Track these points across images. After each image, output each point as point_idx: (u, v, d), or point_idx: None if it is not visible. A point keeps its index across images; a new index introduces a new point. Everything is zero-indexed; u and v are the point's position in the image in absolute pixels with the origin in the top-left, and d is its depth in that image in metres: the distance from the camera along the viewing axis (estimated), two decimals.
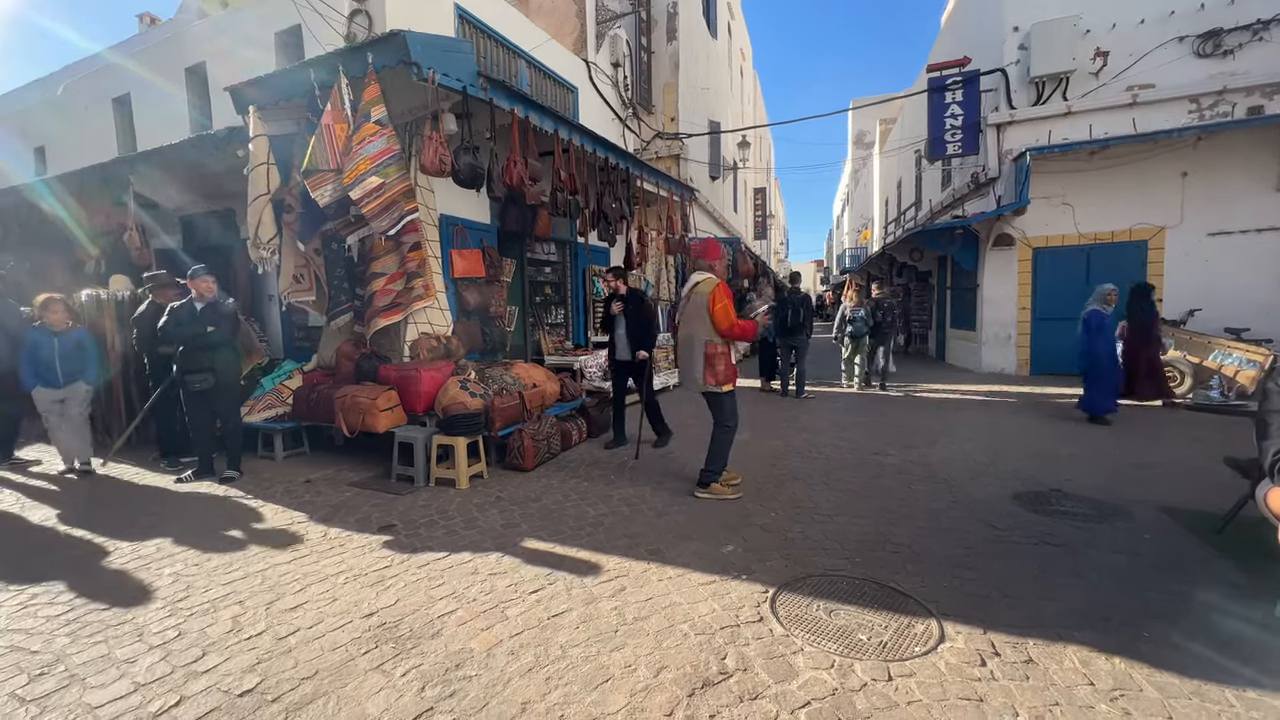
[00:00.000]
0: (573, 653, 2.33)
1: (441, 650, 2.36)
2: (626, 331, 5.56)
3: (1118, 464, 4.83)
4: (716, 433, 4.21)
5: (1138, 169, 9.30)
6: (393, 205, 4.46)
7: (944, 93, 10.68)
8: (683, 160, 12.65)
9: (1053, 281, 10.16)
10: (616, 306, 5.60)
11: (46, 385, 4.95)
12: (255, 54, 6.81)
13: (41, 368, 4.91)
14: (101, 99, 8.89)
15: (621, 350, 5.65)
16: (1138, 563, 3.02)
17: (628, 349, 5.60)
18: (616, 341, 5.66)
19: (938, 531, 3.48)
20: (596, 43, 10.02)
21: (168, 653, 2.38)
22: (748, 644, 2.37)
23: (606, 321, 5.78)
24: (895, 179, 22.08)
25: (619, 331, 5.61)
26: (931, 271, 15.01)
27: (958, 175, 12.69)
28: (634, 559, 3.19)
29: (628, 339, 5.58)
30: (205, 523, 3.89)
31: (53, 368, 4.91)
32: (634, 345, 5.54)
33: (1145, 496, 3.98)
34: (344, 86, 4.49)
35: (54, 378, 4.93)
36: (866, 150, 33.17)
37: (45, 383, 4.94)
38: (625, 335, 5.58)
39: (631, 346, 5.56)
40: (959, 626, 2.46)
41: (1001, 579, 2.88)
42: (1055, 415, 6.91)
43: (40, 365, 4.91)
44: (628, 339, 5.58)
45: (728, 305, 3.97)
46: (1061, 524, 3.57)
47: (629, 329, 5.55)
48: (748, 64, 24.81)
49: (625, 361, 5.66)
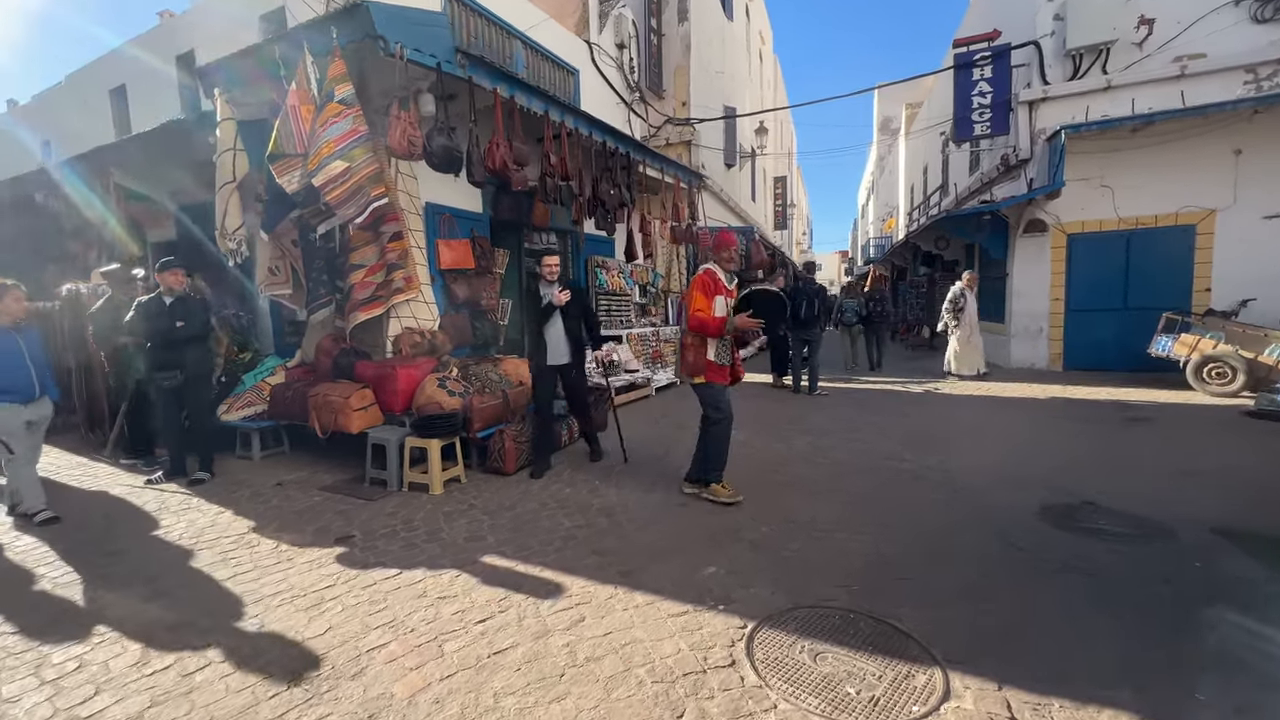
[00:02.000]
0: (506, 702, 2.00)
1: (358, 695, 2.05)
2: (566, 329, 4.59)
3: (1163, 473, 4.32)
4: (701, 426, 3.98)
5: (1185, 147, 8.55)
6: (358, 191, 4.16)
7: (971, 69, 10.00)
8: (694, 146, 12.18)
9: (1089, 270, 9.46)
10: (561, 296, 4.49)
11: (16, 400, 3.78)
12: (242, 38, 6.59)
13: (9, 377, 3.76)
14: (99, 90, 8.83)
15: (558, 352, 4.59)
16: (1187, 598, 2.56)
17: (566, 350, 4.61)
18: (551, 341, 4.57)
19: (950, 552, 3.07)
20: (600, 23, 9.61)
21: (58, 690, 2.12)
22: (712, 696, 2.01)
23: (538, 315, 4.59)
24: (921, 164, 21.21)
25: (555, 329, 4.57)
26: (958, 261, 14.28)
27: (987, 158, 11.98)
28: (601, 582, 2.85)
29: (567, 338, 4.60)
30: (153, 534, 3.66)
31: (25, 375, 3.82)
32: (575, 346, 4.63)
33: (1195, 514, 3.48)
34: (309, 64, 4.20)
35: (28, 389, 3.81)
36: (892, 136, 32.07)
37: (16, 396, 3.77)
38: (564, 333, 4.59)
39: (572, 348, 4.62)
40: (968, 680, 2.06)
41: (1022, 615, 2.46)
42: (1090, 416, 6.35)
43: (8, 373, 3.76)
44: (567, 338, 4.60)
45: (699, 297, 3.79)
46: (1095, 545, 3.12)
47: (569, 325, 4.59)
48: (768, 48, 24.06)
49: (560, 366, 4.65)
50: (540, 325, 4.57)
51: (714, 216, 13.08)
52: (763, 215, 22.01)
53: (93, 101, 8.96)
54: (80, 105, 9.24)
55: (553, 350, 4.57)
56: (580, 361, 4.77)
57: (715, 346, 3.88)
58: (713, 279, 3.90)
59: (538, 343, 4.60)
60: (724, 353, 3.90)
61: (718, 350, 3.88)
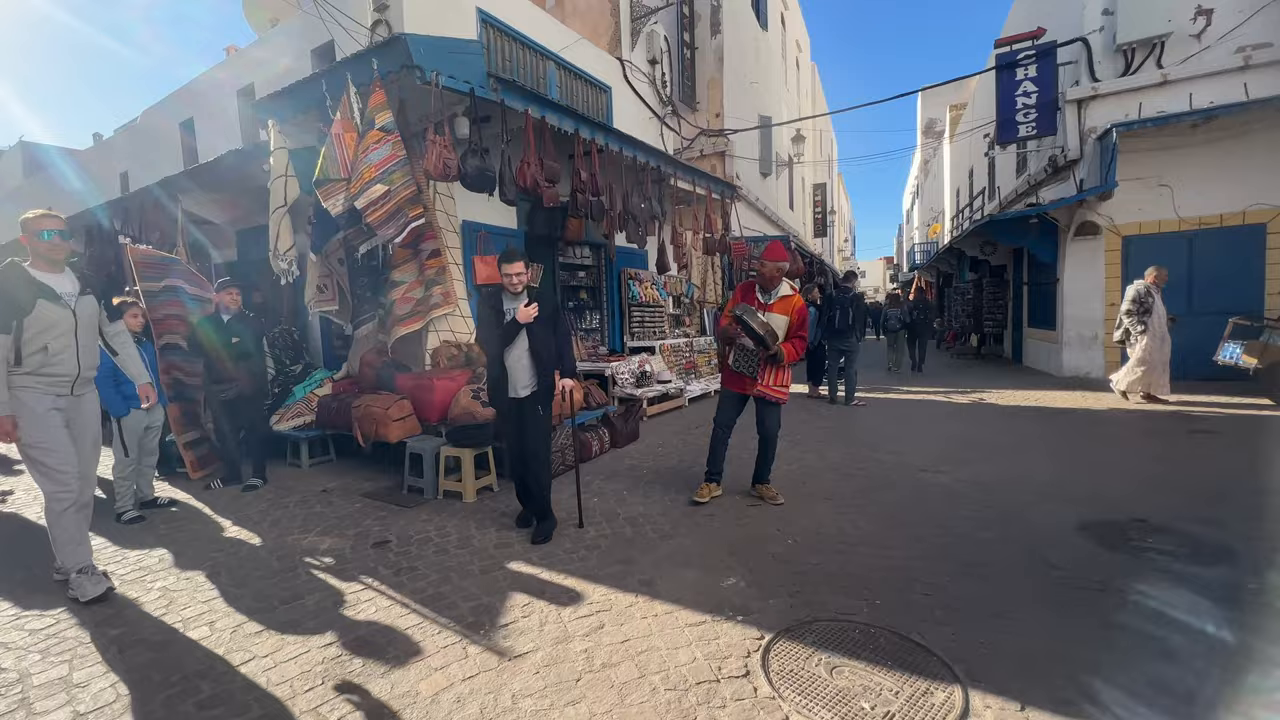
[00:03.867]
0: (524, 704, 2.07)
1: (387, 692, 2.16)
2: (532, 351, 3.54)
3: (1223, 487, 4.06)
4: None
5: (1251, 141, 8.07)
6: (398, 213, 4.38)
7: (1014, 69, 9.71)
8: (728, 157, 12.22)
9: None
10: (526, 313, 3.45)
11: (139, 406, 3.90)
12: (296, 70, 7.04)
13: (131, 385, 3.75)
14: (170, 124, 9.56)
15: (521, 381, 3.57)
16: (1240, 622, 2.41)
17: (532, 377, 3.57)
18: (512, 368, 3.56)
19: (979, 569, 2.98)
20: (632, 40, 9.80)
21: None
22: (724, 706, 2.02)
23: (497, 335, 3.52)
24: (966, 168, 20.58)
25: (516, 351, 3.54)
26: (1006, 266, 13.78)
27: (1034, 160, 11.56)
28: (622, 590, 2.90)
29: (532, 364, 3.56)
30: (209, 534, 3.92)
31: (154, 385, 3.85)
32: (541, 373, 3.59)
33: (1257, 533, 3.27)
34: (353, 95, 4.47)
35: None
36: (936, 139, 31.25)
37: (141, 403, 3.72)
38: (529, 357, 3.55)
39: (537, 375, 3.58)
40: (989, 699, 2.01)
41: (1052, 636, 2.37)
42: (1146, 427, 6.02)
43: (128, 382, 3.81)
44: (532, 364, 3.56)
45: (728, 306, 4.07)
46: (1141, 565, 2.97)
47: (535, 346, 3.53)
48: (804, 55, 23.91)
49: (520, 400, 3.60)
50: (500, 349, 3.53)
51: (750, 226, 13.06)
52: (801, 223, 21.78)
53: (165, 134, 9.72)
54: (154, 138, 10.02)
55: (517, 379, 3.58)
56: (546, 395, 3.63)
57: (734, 354, 4.01)
58: (743, 290, 4.07)
59: (498, 372, 3.57)
60: (741, 362, 3.97)
61: (734, 358, 3.99)
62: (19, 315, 2.76)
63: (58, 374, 2.91)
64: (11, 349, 2.77)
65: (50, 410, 2.90)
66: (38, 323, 2.81)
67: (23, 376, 2.82)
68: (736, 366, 4.00)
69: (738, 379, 4.04)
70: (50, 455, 2.88)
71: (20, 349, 2.78)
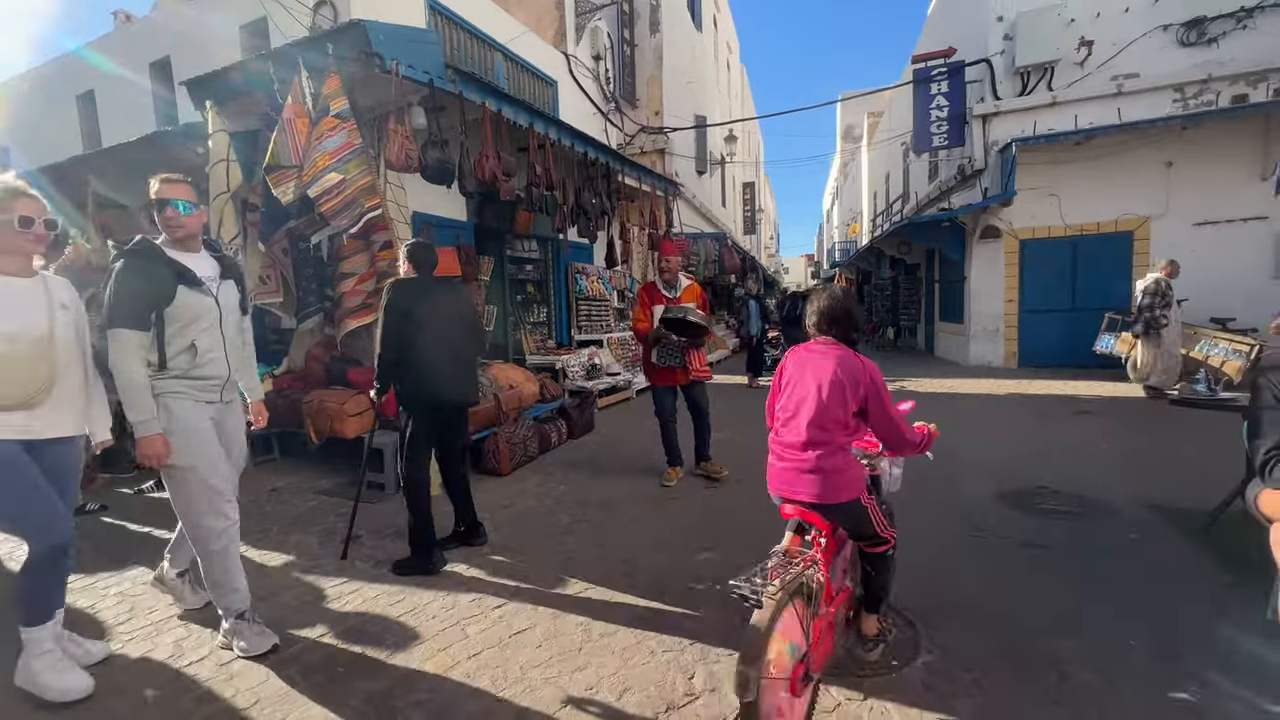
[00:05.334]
0: (532, 674, 2.20)
1: (392, 674, 2.22)
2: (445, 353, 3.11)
3: (1107, 459, 4.75)
4: None
5: (1123, 159, 9.25)
6: (352, 203, 4.27)
7: (929, 84, 10.59)
8: (668, 155, 12.51)
9: (1040, 273, 10.11)
10: None
11: None
12: (220, 47, 6.59)
13: None
14: (65, 96, 8.62)
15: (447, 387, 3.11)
16: (1123, 564, 2.92)
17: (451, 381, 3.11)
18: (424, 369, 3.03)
19: (917, 534, 3.37)
20: (576, 35, 9.83)
21: None
22: (718, 661, 2.25)
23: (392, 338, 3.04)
24: (883, 172, 22.02)
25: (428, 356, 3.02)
26: (920, 265, 14.96)
27: (944, 167, 12.61)
28: (606, 569, 3.06)
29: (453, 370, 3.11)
30: (156, 539, 3.72)
31: None
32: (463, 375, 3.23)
33: (1133, 493, 3.89)
34: (305, 79, 4.30)
35: None
36: (855, 144, 33.11)
37: None
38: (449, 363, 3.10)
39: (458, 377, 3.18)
40: (938, 635, 2.35)
41: (986, 584, 2.78)
42: (1041, 409, 6.84)
43: None
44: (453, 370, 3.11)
45: (638, 309, 4.45)
46: (1046, 523, 3.48)
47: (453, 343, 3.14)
48: (734, 57, 24.65)
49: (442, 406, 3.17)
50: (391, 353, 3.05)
51: (688, 223, 13.41)
52: (733, 220, 22.51)
53: (58, 106, 8.74)
54: (43, 109, 8.99)
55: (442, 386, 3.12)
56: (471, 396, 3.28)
57: (656, 351, 4.31)
58: (649, 292, 4.42)
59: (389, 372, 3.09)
60: (666, 356, 4.29)
61: (658, 354, 4.31)
62: (159, 306, 2.20)
63: (207, 376, 2.35)
64: (153, 348, 2.22)
65: (207, 421, 2.37)
66: (181, 315, 2.25)
67: (169, 381, 2.26)
68: (663, 361, 4.35)
69: (668, 373, 4.40)
70: (213, 476, 2.32)
71: (164, 349, 2.23)
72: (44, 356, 2.06)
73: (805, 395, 2.00)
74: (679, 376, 4.38)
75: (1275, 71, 8.43)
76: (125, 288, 2.17)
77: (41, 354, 2.05)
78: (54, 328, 2.10)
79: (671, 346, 4.29)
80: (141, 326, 2.17)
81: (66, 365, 2.14)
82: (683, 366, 4.33)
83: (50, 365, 2.07)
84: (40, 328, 2.06)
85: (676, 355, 4.31)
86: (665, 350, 4.32)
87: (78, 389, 2.21)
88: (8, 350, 1.98)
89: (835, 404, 1.93)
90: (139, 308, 2.17)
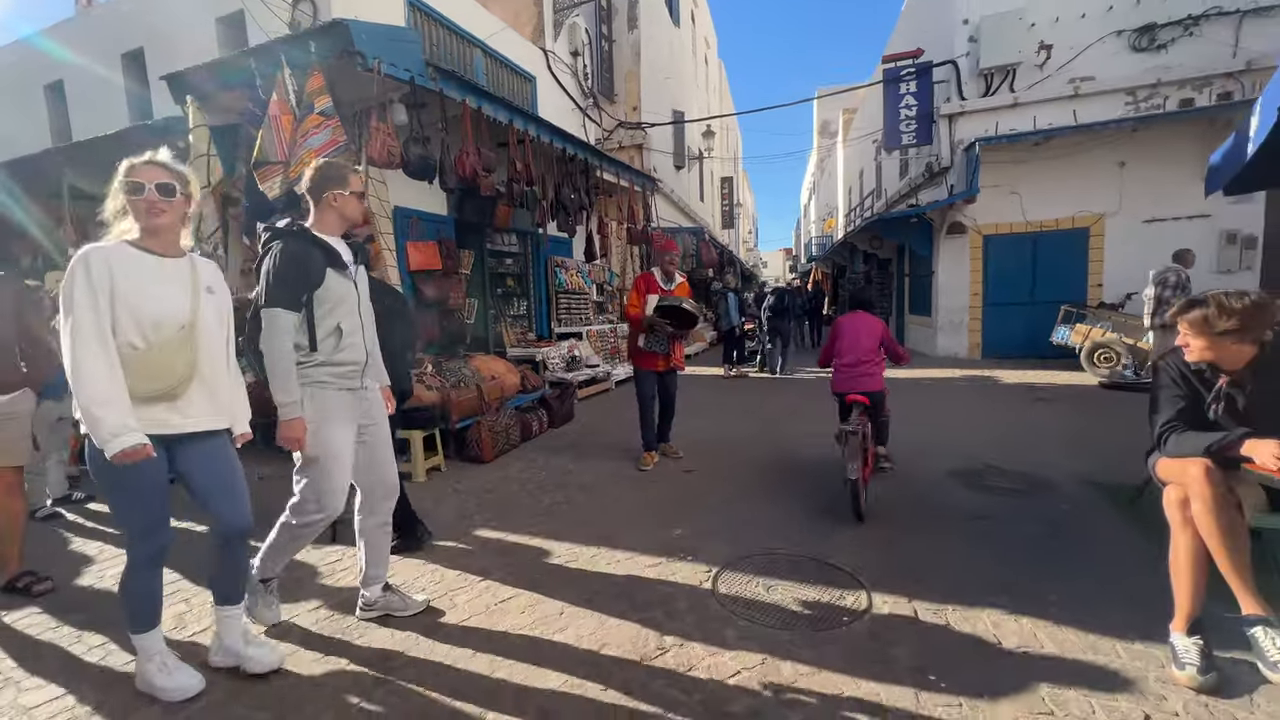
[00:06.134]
0: (517, 635, 2.40)
1: (387, 638, 2.41)
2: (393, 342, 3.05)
3: (1053, 440, 5.10)
4: None
5: (1079, 159, 9.69)
6: None
7: (899, 84, 10.92)
8: (646, 150, 12.68)
9: (1002, 268, 10.55)
10: None
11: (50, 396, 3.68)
12: (196, 39, 6.58)
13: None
14: (32, 86, 8.46)
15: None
16: (1055, 532, 3.22)
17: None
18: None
19: (877, 509, 3.65)
20: (555, 31, 9.93)
21: None
22: (685, 618, 2.47)
23: None
24: (858, 168, 22.47)
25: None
26: (891, 260, 15.39)
27: (914, 165, 13.01)
28: (584, 544, 3.27)
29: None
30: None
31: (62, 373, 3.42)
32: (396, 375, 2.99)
33: (1072, 470, 4.22)
34: (288, 77, 4.39)
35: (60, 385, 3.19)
36: (831, 139, 33.62)
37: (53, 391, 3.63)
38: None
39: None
40: (886, 597, 2.60)
41: (931, 552, 3.05)
42: (999, 396, 7.22)
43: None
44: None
45: (633, 295, 4.66)
46: (991, 498, 3.78)
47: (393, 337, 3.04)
48: (712, 53, 24.84)
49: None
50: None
51: (666, 217, 13.62)
52: (711, 215, 22.77)
53: (23, 96, 8.57)
54: (7, 99, 8.80)
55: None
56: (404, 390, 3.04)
57: (645, 337, 4.58)
58: (647, 281, 4.66)
59: None
60: (654, 343, 4.58)
61: (646, 340, 4.58)
62: (312, 288, 2.18)
63: (350, 361, 2.31)
64: (303, 331, 2.19)
65: (348, 408, 2.34)
66: (329, 297, 2.22)
67: (315, 370, 2.23)
68: (649, 347, 4.64)
69: (651, 358, 4.68)
70: (337, 464, 2.30)
71: (314, 330, 2.19)
72: (185, 344, 1.91)
73: (856, 338, 4.05)
74: (660, 363, 4.67)
75: (1219, 77, 8.93)
76: (285, 268, 2.14)
77: (184, 341, 1.91)
78: (197, 313, 1.95)
79: (661, 335, 4.58)
80: (296, 308, 2.15)
81: (209, 354, 2.00)
82: (665, 354, 4.66)
83: (191, 354, 1.93)
84: (183, 314, 1.92)
85: (663, 343, 4.62)
86: (654, 338, 4.59)
87: (220, 379, 2.07)
88: (154, 338, 1.86)
89: (868, 341, 4.04)
90: (296, 289, 2.15)
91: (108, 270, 1.79)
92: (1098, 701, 1.90)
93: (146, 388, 1.85)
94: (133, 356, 1.82)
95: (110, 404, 1.75)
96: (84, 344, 1.75)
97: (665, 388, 4.82)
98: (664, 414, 4.93)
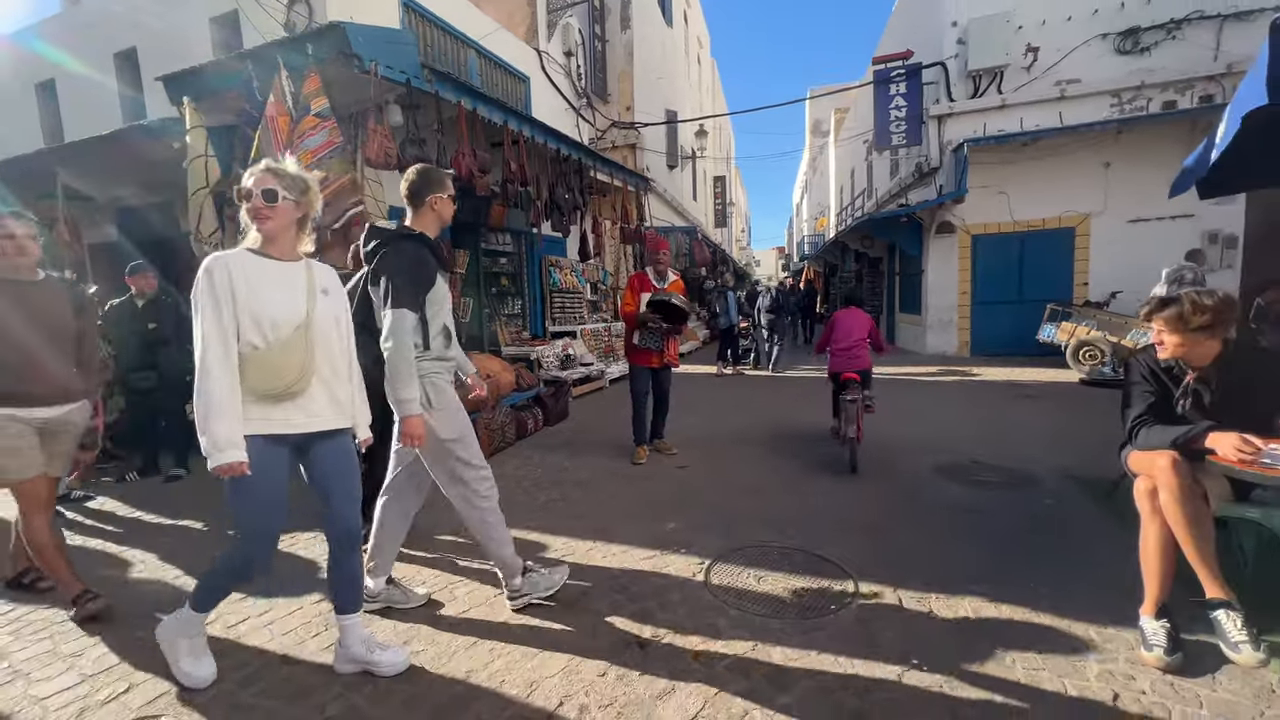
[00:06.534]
0: (516, 624, 2.48)
1: (391, 628, 2.48)
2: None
3: (1037, 436, 5.23)
4: None
5: (1065, 160, 9.86)
6: (337, 199, 4.44)
7: (889, 85, 11.05)
8: (639, 149, 12.74)
9: (990, 267, 10.71)
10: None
11: None
12: (190, 40, 6.59)
13: None
14: (24, 85, 8.42)
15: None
16: (1036, 524, 3.34)
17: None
18: None
19: (865, 502, 3.75)
20: (548, 31, 9.98)
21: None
22: (679, 609, 2.56)
23: None
24: (849, 167, 22.64)
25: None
26: (882, 258, 15.55)
27: (904, 165, 13.15)
28: (580, 538, 3.35)
29: None
30: (145, 524, 3.87)
31: None
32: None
33: (1054, 465, 4.35)
34: (284, 79, 4.42)
35: None
36: (823, 138, 33.79)
37: None
38: None
39: None
40: (872, 586, 2.70)
41: (917, 543, 3.15)
42: (986, 393, 7.35)
43: None
44: None
45: (628, 294, 4.78)
46: (976, 492, 3.89)
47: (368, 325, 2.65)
48: (705, 52, 24.92)
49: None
50: None
51: (659, 216, 13.70)
52: (703, 214, 22.87)
53: (13, 95, 8.52)
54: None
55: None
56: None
57: (639, 334, 4.69)
58: (641, 280, 4.77)
59: None
60: (648, 339, 4.67)
61: (640, 337, 4.69)
62: (428, 289, 2.33)
63: (450, 357, 2.50)
64: (418, 330, 2.30)
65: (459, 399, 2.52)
66: (437, 298, 2.38)
67: (430, 363, 2.37)
68: (644, 344, 4.74)
69: (645, 354, 4.78)
70: (469, 448, 2.48)
71: (427, 330, 2.34)
72: (301, 343, 1.95)
73: (849, 329, 4.75)
74: (654, 360, 4.77)
75: (1201, 80, 9.12)
76: (409, 270, 2.24)
77: (300, 341, 1.95)
78: (312, 314, 1.99)
79: (655, 331, 4.68)
80: (416, 309, 2.26)
81: (326, 352, 2.04)
82: (659, 351, 4.75)
83: (308, 352, 1.97)
84: (299, 315, 1.97)
85: (657, 340, 4.72)
86: (648, 335, 4.70)
87: (339, 378, 2.10)
88: (273, 338, 1.91)
89: (859, 330, 4.75)
90: (418, 291, 2.27)
91: (228, 277, 1.87)
92: (1070, 681, 2.00)
93: (269, 385, 1.92)
94: (254, 356, 1.89)
95: (225, 417, 1.82)
96: (212, 353, 1.83)
97: (660, 384, 4.92)
98: (658, 410, 5.03)
